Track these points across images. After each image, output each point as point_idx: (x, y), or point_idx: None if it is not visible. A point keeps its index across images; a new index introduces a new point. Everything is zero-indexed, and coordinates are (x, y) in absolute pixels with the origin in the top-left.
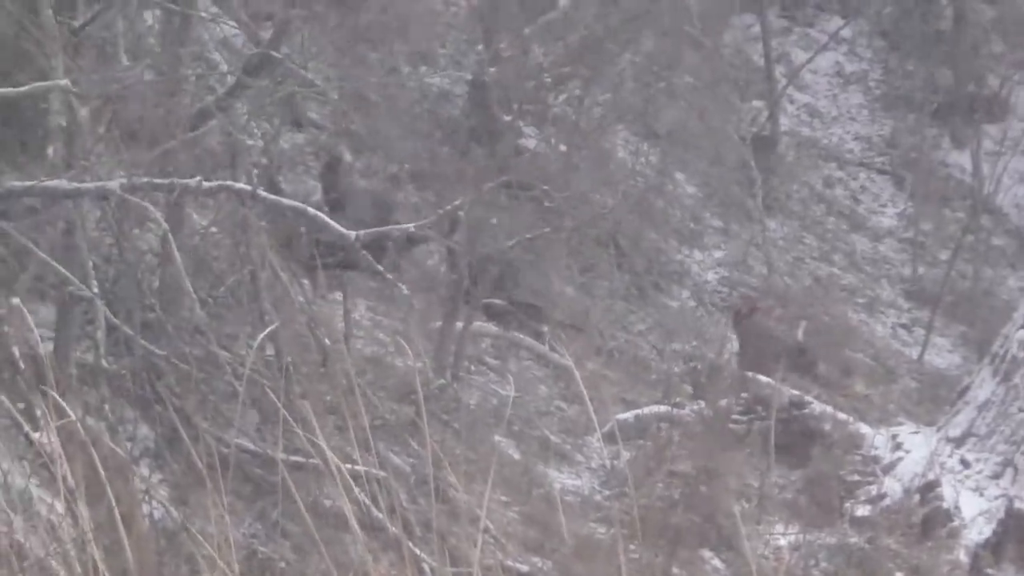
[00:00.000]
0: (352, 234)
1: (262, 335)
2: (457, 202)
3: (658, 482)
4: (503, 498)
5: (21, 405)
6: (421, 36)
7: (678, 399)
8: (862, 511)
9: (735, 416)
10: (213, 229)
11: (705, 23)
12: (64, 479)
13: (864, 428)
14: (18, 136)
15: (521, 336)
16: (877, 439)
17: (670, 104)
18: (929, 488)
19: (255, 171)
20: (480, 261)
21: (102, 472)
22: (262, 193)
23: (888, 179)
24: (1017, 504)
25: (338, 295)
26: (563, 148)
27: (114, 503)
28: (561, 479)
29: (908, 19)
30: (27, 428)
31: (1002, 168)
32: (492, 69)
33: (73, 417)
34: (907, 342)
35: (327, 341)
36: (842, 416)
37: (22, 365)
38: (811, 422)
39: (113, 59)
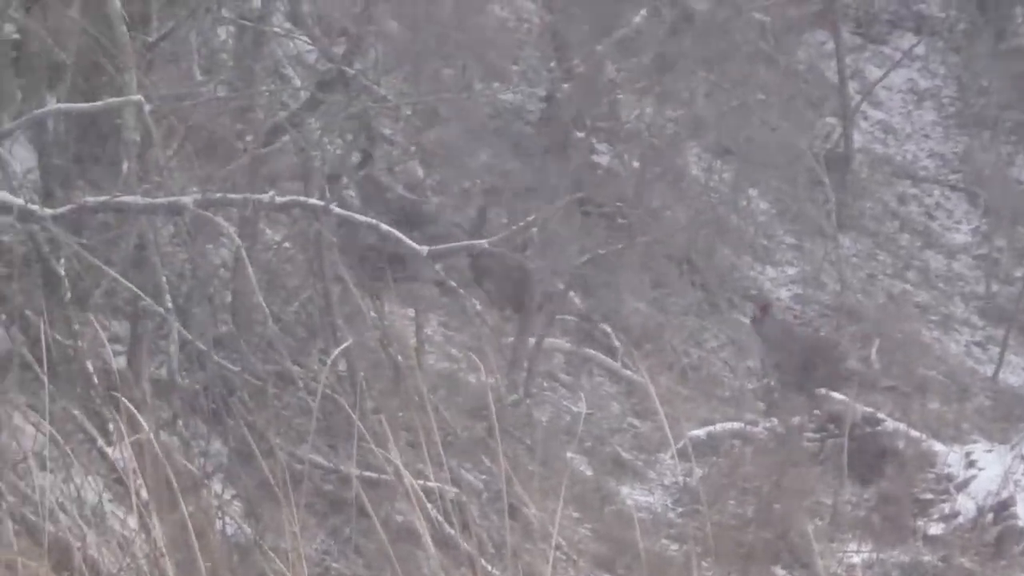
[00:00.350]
0: (424, 249)
1: (337, 351)
2: (530, 218)
3: (731, 499)
4: (575, 515)
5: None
6: (494, 52)
7: (751, 416)
8: (935, 529)
9: (808, 433)
10: (286, 244)
11: (778, 40)
12: (137, 494)
13: (937, 446)
14: (92, 151)
15: (594, 352)
16: (951, 457)
17: (743, 120)
18: (1003, 506)
19: (327, 186)
20: (552, 276)
21: (176, 487)
22: (335, 208)
23: (962, 196)
24: None
25: (410, 311)
26: (636, 164)
27: (188, 518)
28: (633, 496)
29: (982, 36)
30: (101, 442)
31: None
32: (565, 85)
33: (147, 432)
34: (981, 360)
35: (399, 357)
36: (915, 434)
37: (96, 380)
38: (884, 439)
39: (187, 74)
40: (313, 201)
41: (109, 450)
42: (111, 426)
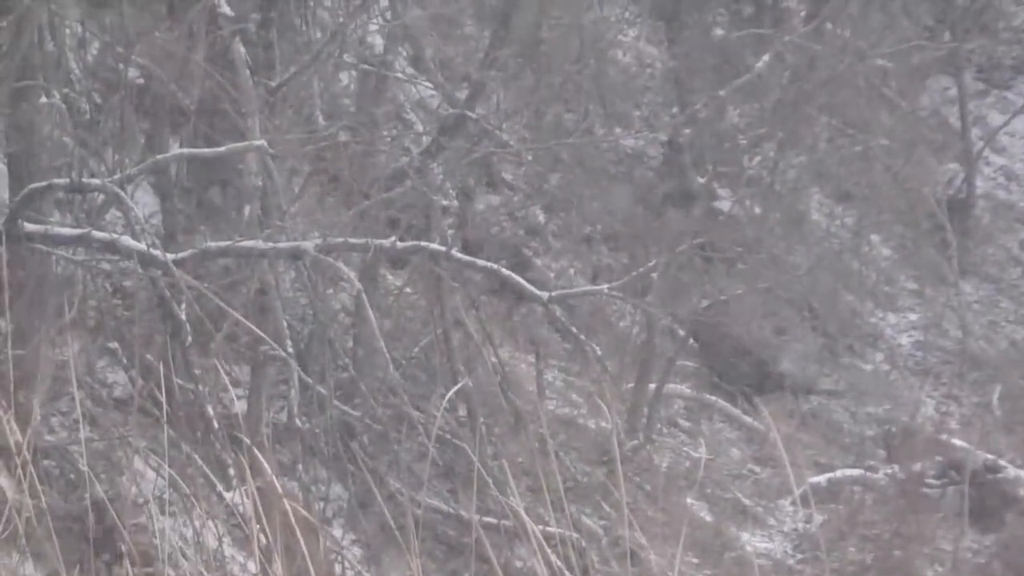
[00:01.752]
0: (545, 295)
1: (451, 392)
2: (651, 263)
3: (851, 546)
4: (695, 560)
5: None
6: (616, 97)
7: (871, 463)
8: None
9: (929, 480)
10: (407, 289)
11: (901, 85)
12: (258, 539)
13: None
14: (214, 196)
15: (714, 398)
16: None
17: (865, 166)
18: None
19: (449, 231)
20: (673, 322)
21: (298, 531)
22: (456, 253)
23: None
24: None
25: (530, 356)
26: (757, 210)
27: (308, 563)
28: (753, 542)
29: None
30: (220, 487)
31: None
32: (687, 131)
33: (268, 476)
34: None
35: (519, 402)
36: None
37: (216, 424)
38: (1006, 486)
39: (309, 119)
40: (434, 246)
41: (228, 495)
42: (231, 470)
